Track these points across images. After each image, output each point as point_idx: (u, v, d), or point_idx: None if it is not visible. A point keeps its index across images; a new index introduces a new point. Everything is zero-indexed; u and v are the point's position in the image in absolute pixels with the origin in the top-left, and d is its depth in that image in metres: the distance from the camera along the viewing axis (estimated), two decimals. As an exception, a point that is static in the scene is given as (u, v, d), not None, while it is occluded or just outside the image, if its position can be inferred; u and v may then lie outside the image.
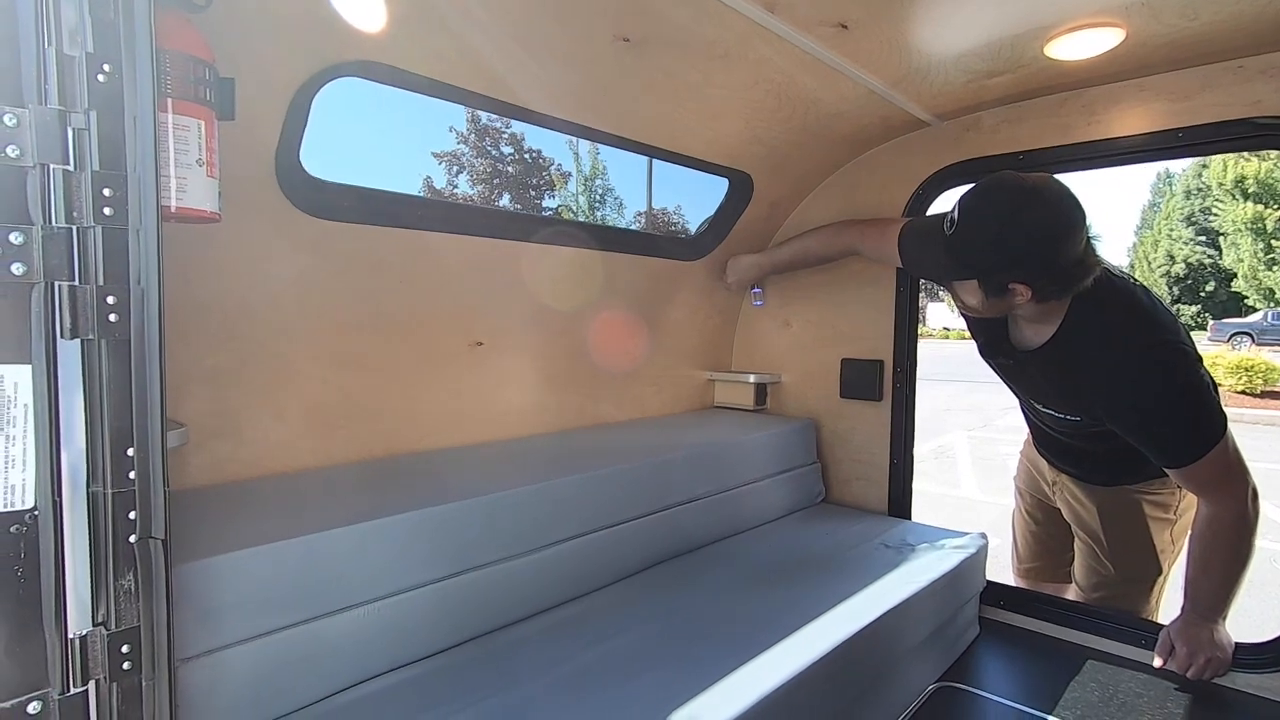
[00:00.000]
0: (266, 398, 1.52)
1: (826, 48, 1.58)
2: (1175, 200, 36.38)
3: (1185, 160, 18.94)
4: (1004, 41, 1.60)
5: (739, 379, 2.63)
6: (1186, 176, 35.56)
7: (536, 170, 28.12)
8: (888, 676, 1.58)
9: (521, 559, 1.49)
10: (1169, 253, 34.68)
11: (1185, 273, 34.16)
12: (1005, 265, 1.44)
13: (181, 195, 0.85)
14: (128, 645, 0.71)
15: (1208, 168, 27.96)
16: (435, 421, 1.85)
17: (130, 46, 0.70)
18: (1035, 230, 1.41)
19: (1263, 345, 20.41)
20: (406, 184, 28.65)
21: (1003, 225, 1.42)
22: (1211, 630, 1.60)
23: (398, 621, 1.27)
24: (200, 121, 0.87)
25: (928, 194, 2.20)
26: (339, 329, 1.62)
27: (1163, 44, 1.59)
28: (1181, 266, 34.27)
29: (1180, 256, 34.46)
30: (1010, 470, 2.28)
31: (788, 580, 1.71)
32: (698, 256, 2.43)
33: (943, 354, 22.03)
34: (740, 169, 2.20)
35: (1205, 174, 30.20)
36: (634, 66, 1.59)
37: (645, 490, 1.82)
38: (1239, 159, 20.65)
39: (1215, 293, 33.02)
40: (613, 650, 1.35)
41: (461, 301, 1.85)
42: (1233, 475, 1.51)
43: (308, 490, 1.46)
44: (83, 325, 0.68)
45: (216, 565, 1.06)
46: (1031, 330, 1.63)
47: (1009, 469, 7.36)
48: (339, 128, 26.16)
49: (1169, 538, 1.82)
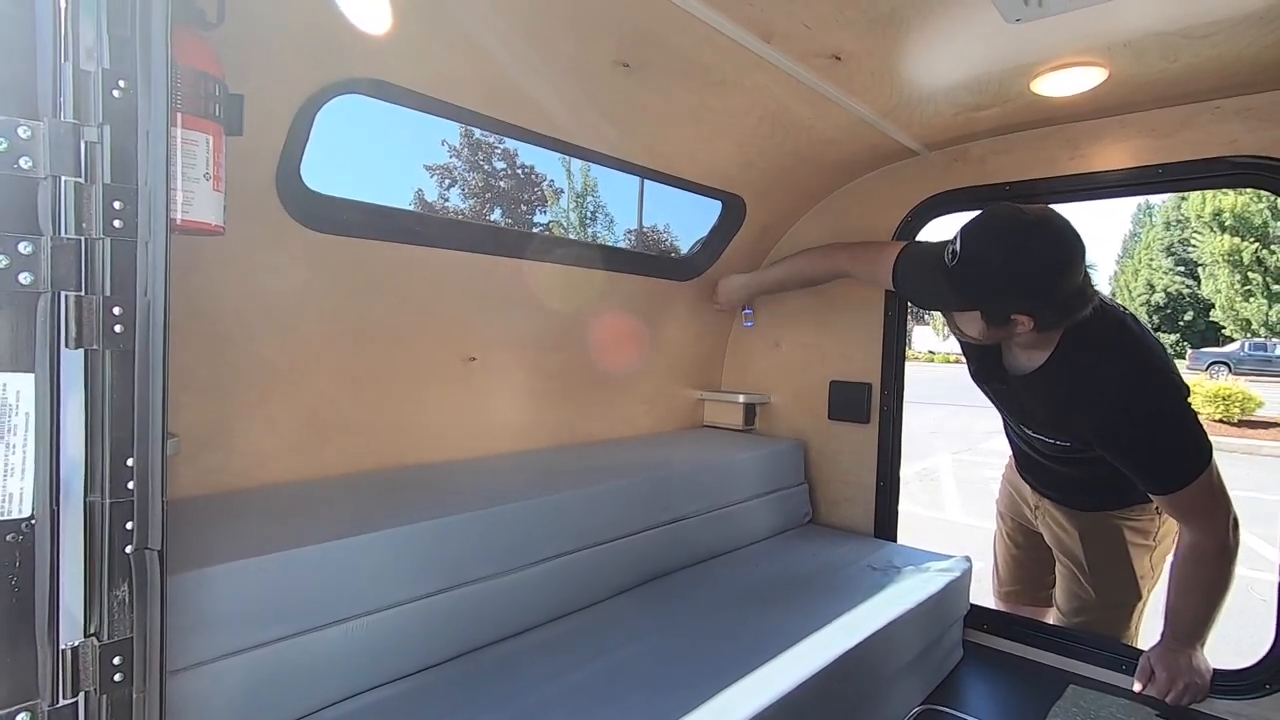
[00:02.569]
0: (258, 409, 1.52)
1: (820, 78, 1.62)
2: (1155, 231, 37.16)
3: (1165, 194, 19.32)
4: (991, 77, 1.65)
5: (728, 399, 2.65)
6: (1166, 208, 36.37)
7: (529, 186, 28.26)
8: (873, 699, 1.59)
9: (511, 575, 1.49)
10: (1149, 282, 35.33)
11: (1165, 302, 34.80)
12: (1009, 297, 1.46)
13: (188, 208, 0.86)
14: (119, 657, 0.71)
15: (1187, 200, 28.61)
16: (427, 436, 1.85)
17: (146, 63, 0.71)
18: (1039, 263, 1.43)
19: (1239, 374, 20.80)
20: (398, 197, 28.63)
21: (1007, 258, 1.44)
22: (1190, 656, 1.63)
23: (389, 636, 1.27)
24: (208, 136, 0.89)
25: (916, 221, 2.24)
26: (332, 342, 1.63)
27: (1144, 83, 1.64)
28: (1161, 295, 34.91)
29: (1160, 286, 35.13)
30: (993, 494, 2.30)
31: (775, 601, 1.72)
32: (690, 277, 2.46)
33: (927, 377, 22.23)
34: (733, 192, 2.24)
35: (1184, 206, 30.92)
36: (632, 91, 1.62)
37: (635, 508, 1.83)
38: (1217, 193, 21.14)
39: (1194, 322, 33.63)
40: (600, 669, 1.35)
41: (455, 317, 1.86)
42: (1216, 504, 1.53)
43: (299, 503, 1.45)
44: (87, 335, 0.69)
45: (208, 577, 1.05)
46: (1025, 356, 1.65)
47: (992, 492, 7.43)
48: (333, 141, 26.19)
49: (1149, 563, 1.85)
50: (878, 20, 1.36)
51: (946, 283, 1.53)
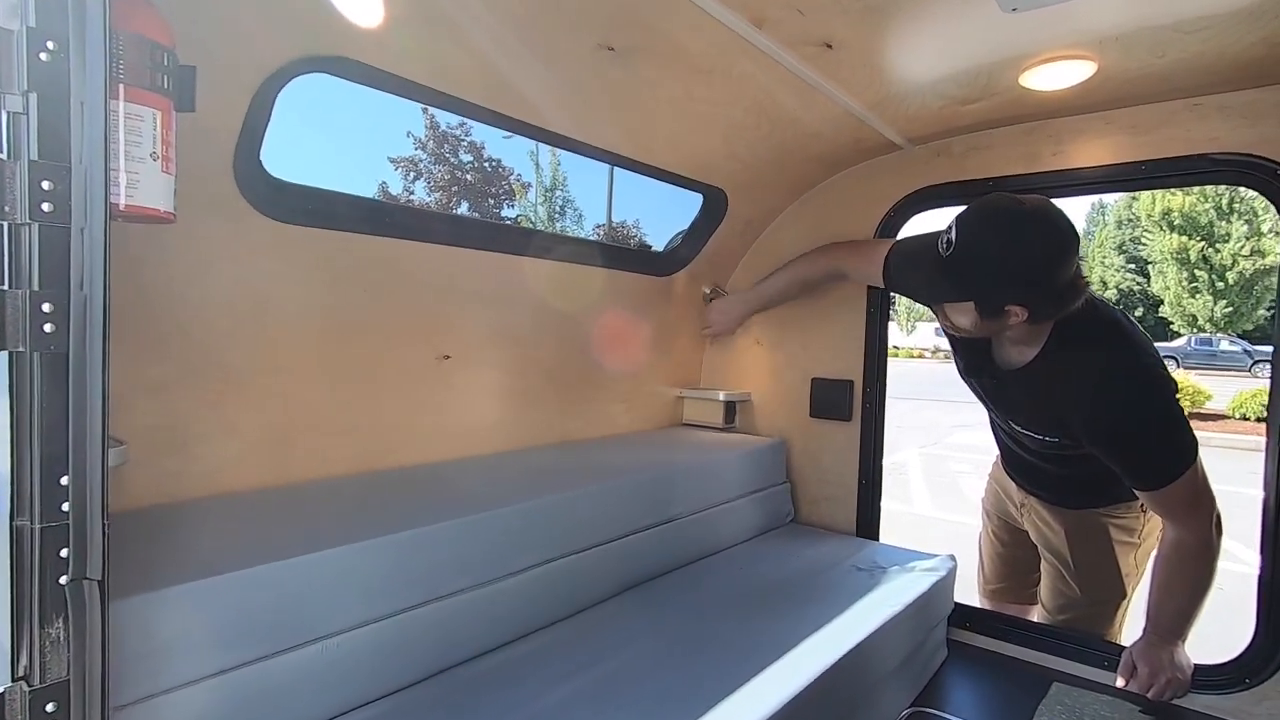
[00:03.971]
0: (217, 411, 1.41)
1: (809, 67, 1.58)
2: (1108, 229, 38.43)
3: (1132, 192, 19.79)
4: (981, 69, 1.62)
5: (708, 396, 2.60)
6: (1119, 207, 37.65)
7: (496, 179, 27.88)
8: (864, 705, 1.55)
9: (492, 585, 1.41)
10: (1101, 279, 36.52)
11: (1117, 298, 35.98)
12: (1004, 287, 1.43)
13: (133, 192, 0.77)
14: (54, 703, 0.62)
15: (1137, 200, 29.61)
16: (400, 438, 1.76)
17: (80, 24, 0.62)
18: (1036, 253, 1.41)
19: (1187, 369, 21.64)
20: (361, 190, 27.97)
21: (1004, 247, 1.41)
22: (1172, 652, 1.63)
23: (365, 655, 1.18)
24: (156, 112, 0.79)
25: (898, 217, 2.22)
26: (298, 340, 1.52)
27: (1130, 79, 1.64)
28: (1113, 292, 36.13)
29: (1112, 283, 36.37)
30: (961, 488, 2.30)
31: (763, 606, 1.67)
32: (669, 272, 2.40)
33: (894, 372, 22.53)
34: (715, 185, 2.19)
35: (1135, 205, 31.98)
36: (616, 77, 1.55)
37: (619, 511, 1.76)
38: (1166, 193, 21.89)
39: (1143, 318, 34.86)
40: (588, 682, 1.28)
41: (428, 313, 1.77)
42: (1201, 501, 1.54)
43: (262, 512, 1.35)
44: (12, 336, 0.60)
45: (163, 599, 0.95)
46: (1016, 351, 1.63)
47: (959, 486, 7.58)
48: (289, 129, 25.38)
49: (1133, 561, 1.85)
50: (873, 7, 1.32)
51: (941, 273, 1.50)
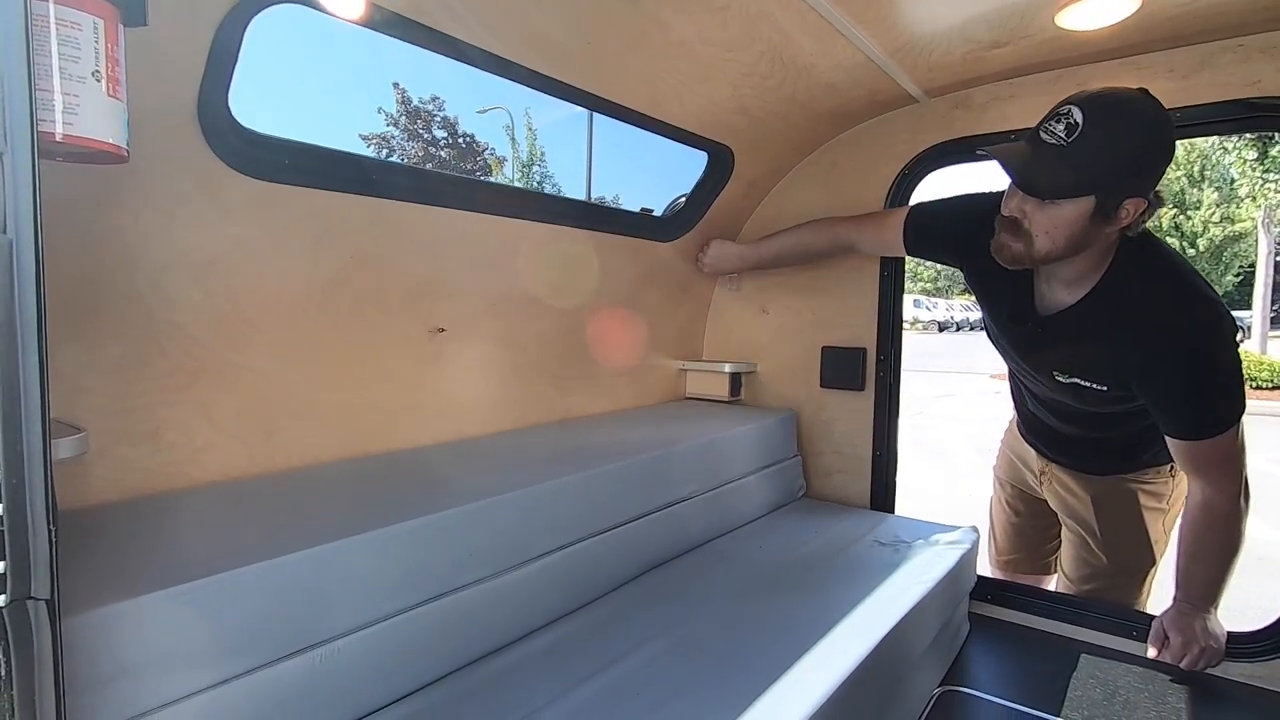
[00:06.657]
0: (189, 393, 1.26)
1: (832, 3, 1.44)
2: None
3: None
4: (1015, 7, 1.50)
5: (713, 368, 2.49)
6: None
7: (470, 156, 27.27)
8: (899, 687, 1.47)
9: (502, 577, 1.30)
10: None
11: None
12: (1131, 178, 1.30)
13: (71, 119, 0.62)
14: (-6, 754, 0.49)
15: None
16: (392, 418, 1.62)
17: (-16, -120, 0.47)
18: (1162, 140, 1.30)
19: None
20: (340, 144, 27.23)
21: (1146, 131, 1.28)
22: (1205, 620, 1.57)
23: (364, 661, 1.06)
24: (98, 20, 0.64)
25: (913, 175, 2.10)
26: (277, 312, 1.37)
27: (1172, 15, 1.53)
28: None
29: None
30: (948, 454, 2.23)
31: (787, 586, 1.58)
32: (672, 237, 2.27)
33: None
34: (722, 141, 2.05)
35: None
36: (624, 16, 1.40)
37: (631, 493, 1.65)
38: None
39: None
40: (614, 679, 1.18)
41: (421, 282, 1.63)
42: (1235, 461, 1.47)
43: (244, 506, 1.21)
44: (-88, 291, 0.46)
45: (130, 611, 0.82)
46: (1065, 290, 1.50)
47: (946, 452, 7.60)
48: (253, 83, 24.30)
49: (1161, 527, 1.79)
50: None
51: (1060, 162, 1.28)
